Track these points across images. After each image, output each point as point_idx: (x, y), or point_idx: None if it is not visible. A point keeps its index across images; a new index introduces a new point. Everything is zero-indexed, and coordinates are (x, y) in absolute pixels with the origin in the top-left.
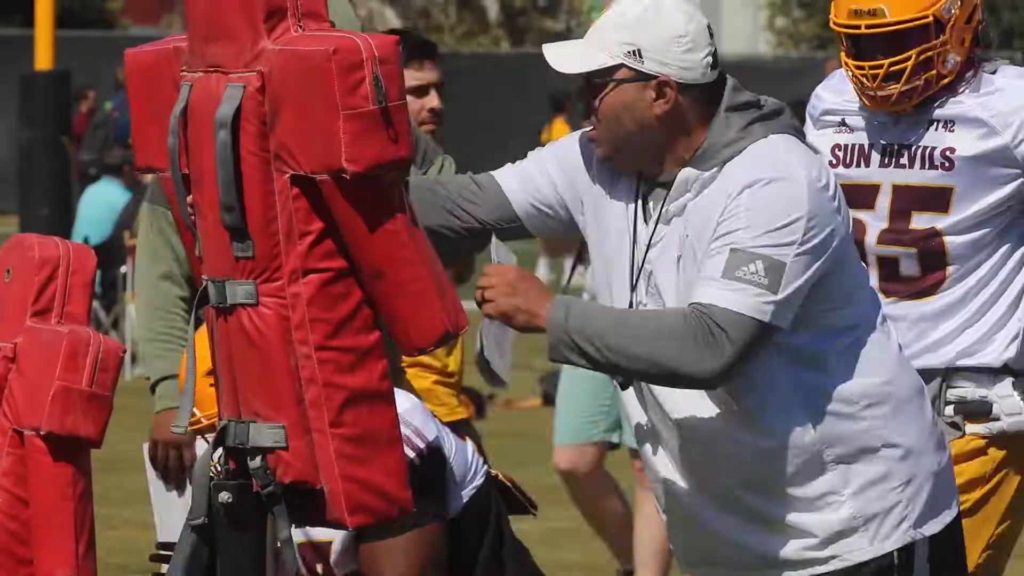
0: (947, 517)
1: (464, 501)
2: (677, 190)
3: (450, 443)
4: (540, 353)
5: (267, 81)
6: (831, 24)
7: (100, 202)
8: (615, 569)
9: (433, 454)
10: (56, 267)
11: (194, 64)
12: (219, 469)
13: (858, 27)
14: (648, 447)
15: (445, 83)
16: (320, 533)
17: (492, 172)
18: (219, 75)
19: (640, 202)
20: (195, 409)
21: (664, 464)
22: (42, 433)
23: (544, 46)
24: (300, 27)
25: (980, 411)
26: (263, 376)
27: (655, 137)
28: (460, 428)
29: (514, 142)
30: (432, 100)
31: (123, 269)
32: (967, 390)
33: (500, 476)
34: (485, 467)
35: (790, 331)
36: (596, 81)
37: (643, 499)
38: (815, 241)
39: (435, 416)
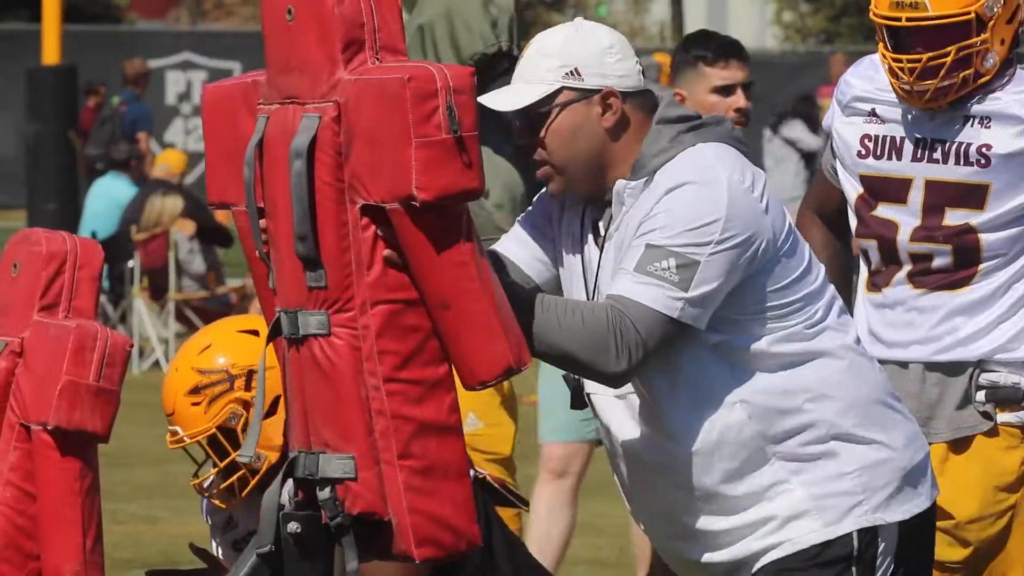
0: (915, 508)
1: None
2: (615, 206)
3: None
4: None
5: (343, 111)
6: (871, 14)
7: (107, 197)
8: None
9: None
10: (63, 261)
11: (270, 97)
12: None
13: (899, 19)
14: (611, 460)
15: None
16: None
17: (496, 246)
18: (295, 106)
19: (592, 233)
20: (177, 427)
21: (620, 476)
22: (49, 428)
23: (480, 98)
24: (377, 59)
25: (1012, 398)
26: (333, 406)
27: (605, 153)
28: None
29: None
30: (738, 99)
31: (130, 264)
32: (1000, 375)
33: (488, 478)
34: (472, 473)
35: (724, 330)
36: (540, 112)
37: None
38: (733, 243)
39: None
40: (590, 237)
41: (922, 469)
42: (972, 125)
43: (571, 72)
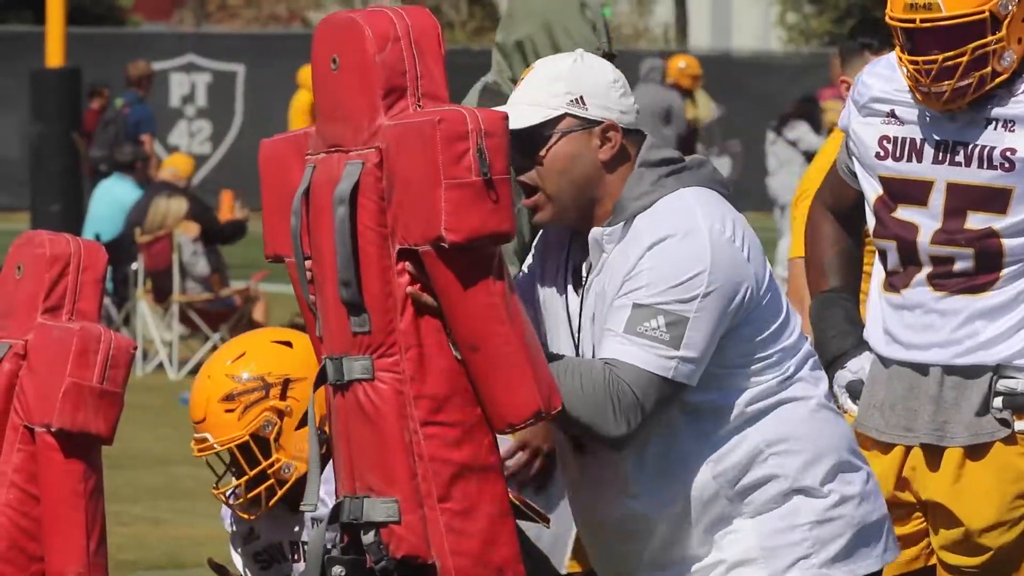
0: (862, 569)
1: None
2: (593, 252)
3: None
4: None
5: (384, 157)
6: (887, 18)
7: (111, 199)
8: None
9: None
10: (67, 264)
11: (318, 147)
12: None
13: (913, 20)
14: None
15: (455, 80)
16: None
17: None
18: (340, 154)
19: (573, 278)
20: (207, 434)
21: (578, 524)
22: (53, 430)
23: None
24: (419, 106)
25: None
26: (378, 451)
27: (598, 186)
28: None
29: None
30: None
31: (134, 266)
32: (1018, 382)
33: (512, 497)
34: None
35: (703, 388)
36: (541, 135)
37: None
38: (719, 294)
39: None
40: (570, 283)
41: (877, 529)
42: (995, 128)
43: (576, 100)
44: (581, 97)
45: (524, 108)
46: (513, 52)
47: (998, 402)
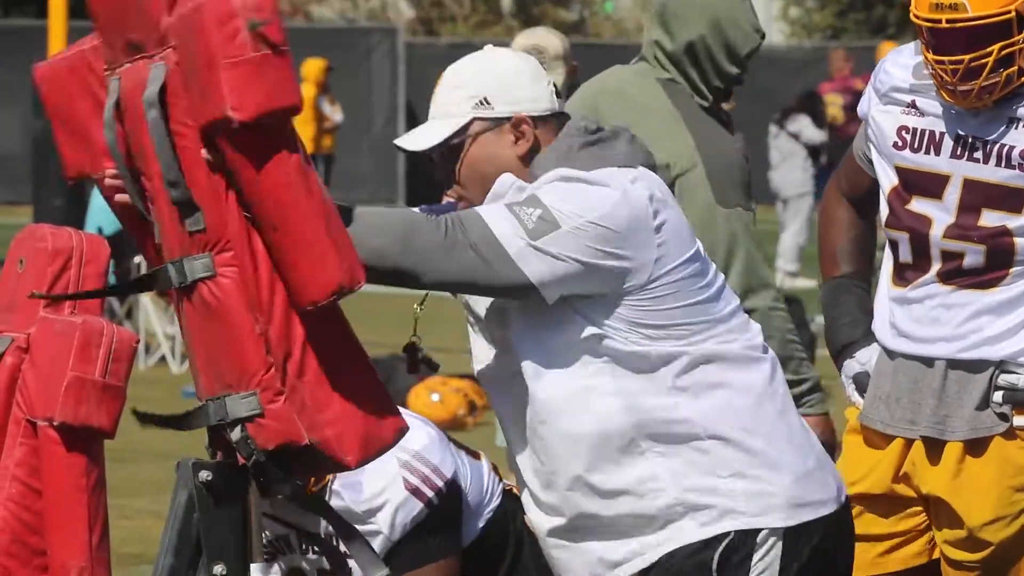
0: (805, 515)
1: (481, 526)
2: None
3: (466, 471)
4: None
5: (179, 54)
6: (912, 16)
7: None
8: None
9: (451, 492)
10: (69, 257)
11: (116, 58)
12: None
13: (939, 21)
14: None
15: None
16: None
17: None
18: (144, 60)
19: None
20: None
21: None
22: (55, 423)
23: (396, 140)
24: None
25: None
26: (229, 346)
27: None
28: None
29: None
30: None
31: (137, 260)
32: (1019, 377)
33: (515, 489)
34: (501, 485)
35: (602, 332)
36: (453, 144)
37: None
38: (602, 233)
39: (451, 440)
40: None
41: (813, 473)
42: (1017, 128)
43: (480, 102)
44: (485, 98)
45: (435, 123)
46: (683, 56)
47: (998, 396)
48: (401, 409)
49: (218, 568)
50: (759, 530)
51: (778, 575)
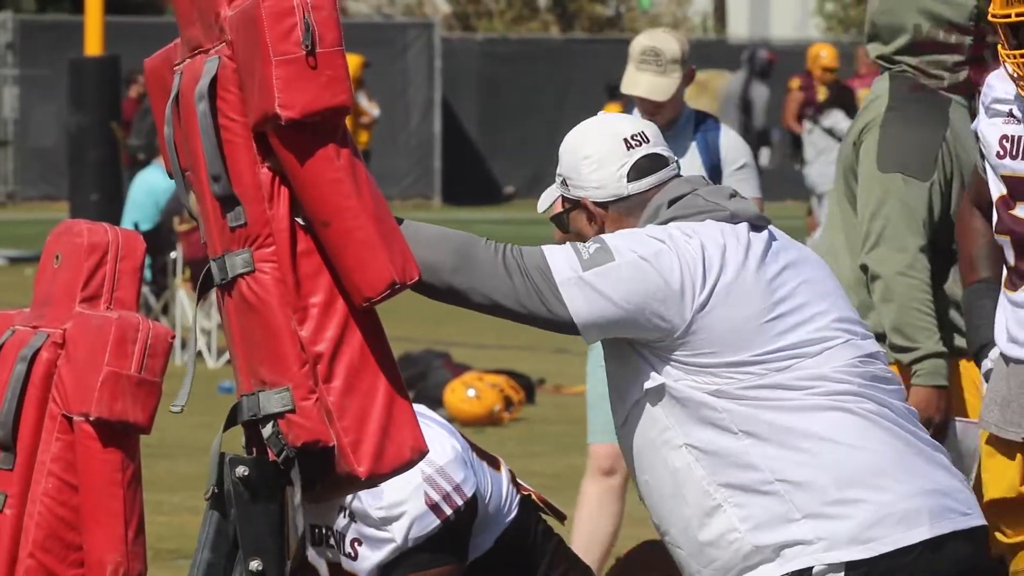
0: (878, 548)
1: (497, 535)
2: None
3: (486, 482)
4: None
5: (234, 47)
6: (989, 17)
7: (149, 187)
8: None
9: (468, 509)
10: (105, 253)
11: (183, 54)
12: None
13: (1008, 15)
14: None
15: (494, 68)
16: (347, 564)
17: None
18: (201, 55)
19: None
20: None
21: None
22: (91, 419)
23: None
24: None
25: None
26: (266, 341)
27: None
28: None
29: (564, 128)
30: None
31: (173, 255)
32: None
33: (533, 496)
34: (519, 497)
35: (663, 378)
36: (561, 212)
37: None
38: (655, 268)
39: (472, 449)
40: None
41: (885, 508)
42: None
43: (563, 182)
44: (565, 179)
45: (550, 190)
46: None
47: None
48: (428, 415)
49: (254, 563)
50: (836, 563)
51: None
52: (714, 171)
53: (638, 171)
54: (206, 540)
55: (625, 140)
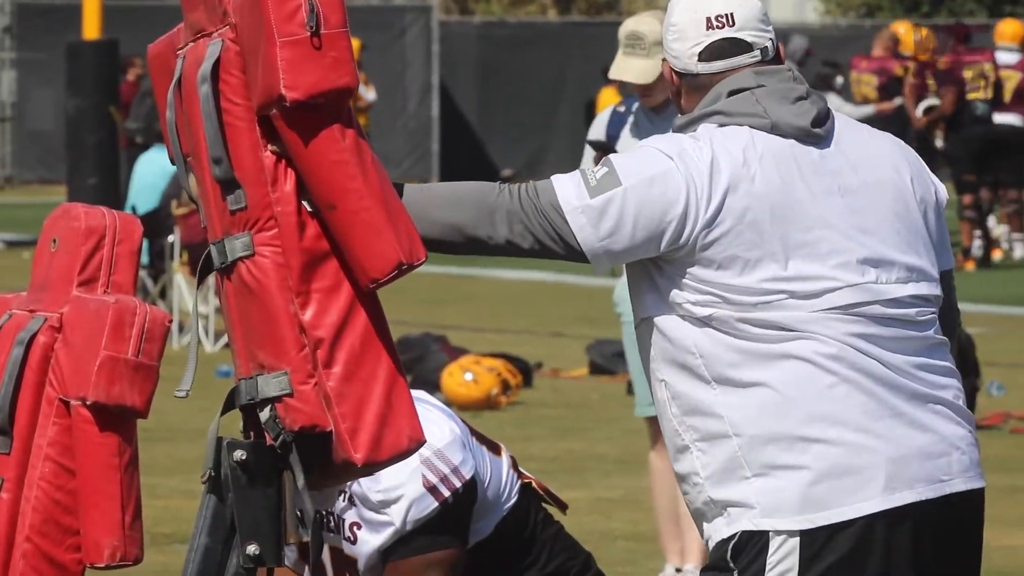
0: (830, 518)
1: (497, 521)
2: None
3: (486, 467)
4: (586, 321)
5: (238, 30)
6: None
7: (155, 169)
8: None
9: (467, 492)
10: (102, 236)
11: (186, 38)
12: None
13: None
14: None
15: (491, 52)
16: (348, 548)
17: None
18: (204, 39)
19: None
20: None
21: None
22: (88, 403)
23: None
24: None
25: None
26: (265, 325)
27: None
28: None
29: (562, 111)
30: None
31: (170, 238)
32: None
33: (534, 483)
34: (519, 483)
35: (658, 309)
36: None
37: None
38: (651, 200)
39: (473, 434)
40: None
41: (837, 473)
42: None
43: (661, 43)
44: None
45: None
46: None
47: None
48: (426, 399)
49: (251, 548)
50: (767, 531)
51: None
52: None
53: (711, 53)
54: (203, 524)
55: (708, 19)
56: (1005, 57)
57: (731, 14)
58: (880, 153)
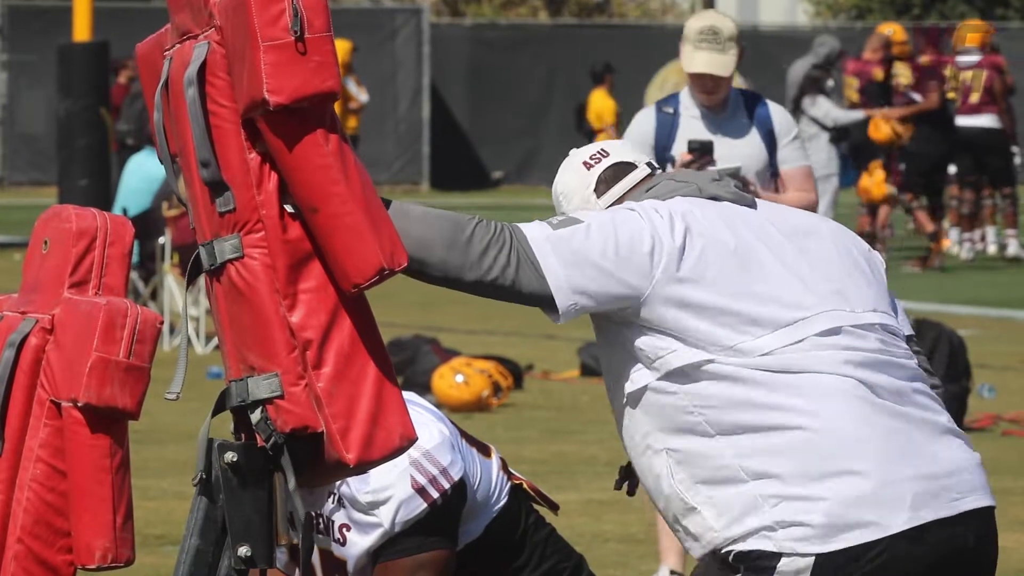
0: (848, 541)
1: (486, 524)
2: None
3: (475, 469)
4: (578, 324)
5: (223, 33)
6: None
7: (144, 172)
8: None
9: (456, 493)
10: (94, 238)
11: (172, 39)
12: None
13: None
14: None
15: (482, 54)
16: (337, 550)
17: None
18: (190, 41)
19: None
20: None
21: None
22: (79, 405)
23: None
24: None
25: None
26: (255, 327)
27: None
28: None
29: (553, 113)
30: None
31: (161, 240)
32: None
33: (525, 485)
34: (509, 484)
35: (643, 379)
36: None
37: None
38: (614, 243)
39: (462, 435)
40: None
41: (848, 502)
42: None
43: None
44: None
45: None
46: None
47: None
48: (416, 400)
49: (243, 549)
50: (781, 554)
51: None
52: (770, 143)
53: (605, 183)
54: (194, 526)
55: (584, 163)
56: (965, 59)
57: (601, 149)
58: (811, 218)
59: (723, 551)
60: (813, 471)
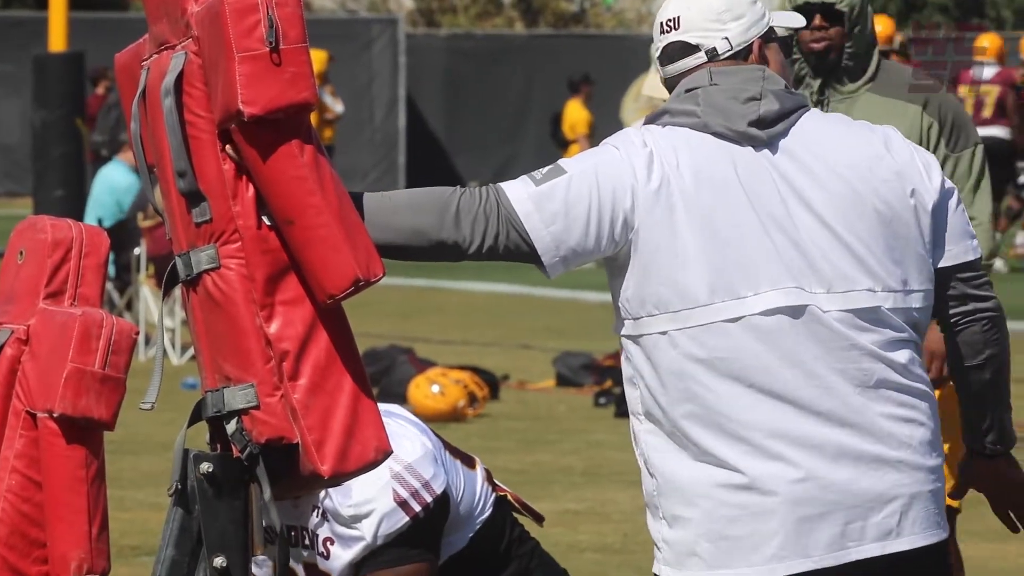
0: (723, 572)
1: (470, 536)
2: None
3: (459, 481)
4: (553, 334)
5: (199, 44)
6: None
7: (108, 183)
8: None
9: (438, 507)
10: (69, 249)
11: (150, 50)
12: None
13: None
14: None
15: (458, 64)
16: (322, 564)
17: None
18: (168, 51)
19: None
20: None
21: None
22: (55, 415)
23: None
24: None
25: None
26: (231, 337)
27: None
28: None
29: (529, 123)
30: None
31: (136, 251)
32: None
33: (510, 496)
34: (493, 496)
35: (619, 327)
36: None
37: None
38: (606, 173)
39: (446, 448)
40: None
41: (738, 525)
42: None
43: None
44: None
45: None
46: None
47: None
48: (399, 412)
49: (218, 560)
50: None
51: None
52: None
53: (667, 57)
54: (170, 537)
55: (661, 24)
56: (982, 72)
57: (677, 17)
58: (850, 155)
59: None
60: (680, 495)
